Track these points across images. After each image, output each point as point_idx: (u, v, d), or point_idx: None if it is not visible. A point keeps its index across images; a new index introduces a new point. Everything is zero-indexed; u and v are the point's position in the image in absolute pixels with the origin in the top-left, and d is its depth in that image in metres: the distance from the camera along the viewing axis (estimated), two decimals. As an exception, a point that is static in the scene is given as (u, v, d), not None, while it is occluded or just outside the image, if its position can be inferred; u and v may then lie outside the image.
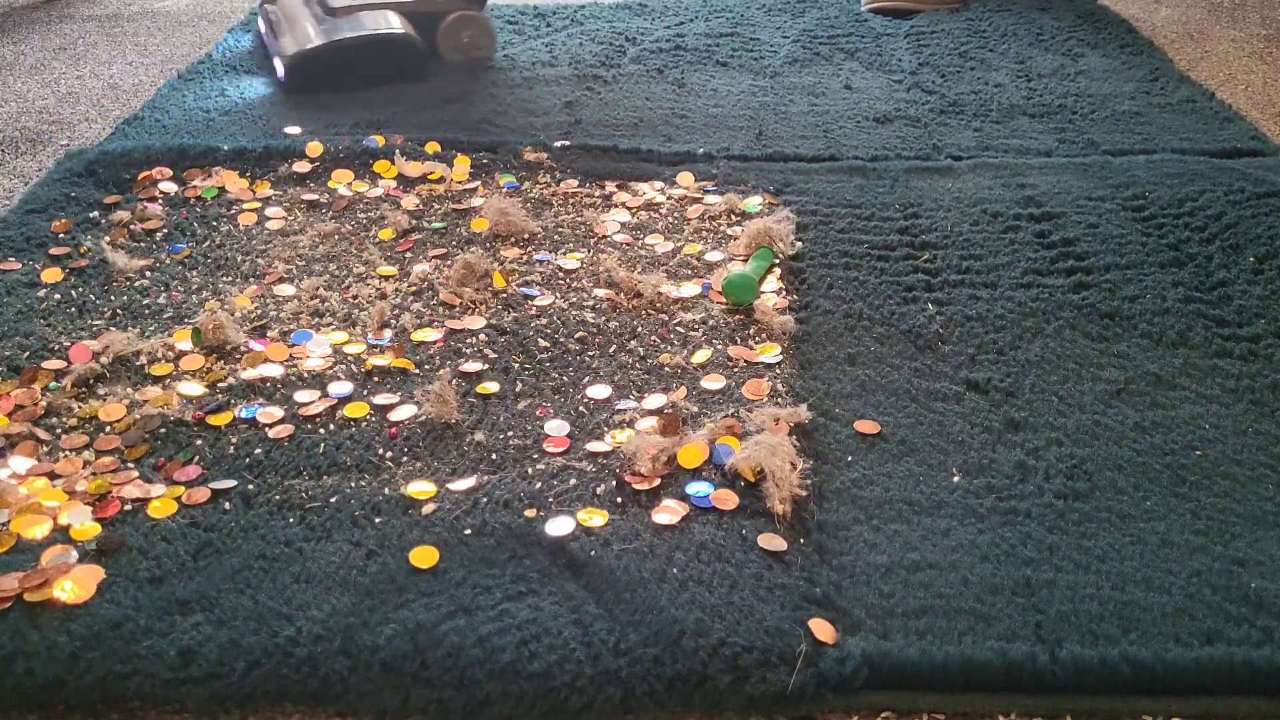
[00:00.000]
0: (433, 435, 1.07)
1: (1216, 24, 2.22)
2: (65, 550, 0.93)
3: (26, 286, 1.32)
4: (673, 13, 2.32)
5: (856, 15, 2.26)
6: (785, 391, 1.12)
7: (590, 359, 1.19)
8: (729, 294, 1.27)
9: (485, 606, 0.87)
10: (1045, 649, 0.83)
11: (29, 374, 1.15)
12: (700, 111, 1.82)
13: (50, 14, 2.41)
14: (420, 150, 1.63)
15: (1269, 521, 0.95)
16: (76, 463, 1.04)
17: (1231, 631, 0.84)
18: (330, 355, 1.20)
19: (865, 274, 1.33)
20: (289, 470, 1.03)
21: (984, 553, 0.92)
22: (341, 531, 0.95)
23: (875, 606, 0.87)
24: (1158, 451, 1.04)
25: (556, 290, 1.31)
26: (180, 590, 0.89)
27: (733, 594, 0.87)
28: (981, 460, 1.03)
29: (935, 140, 1.70)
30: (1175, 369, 1.15)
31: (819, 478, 1.01)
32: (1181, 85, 1.89)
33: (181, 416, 1.10)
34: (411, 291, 1.31)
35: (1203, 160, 1.59)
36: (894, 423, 1.08)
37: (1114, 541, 0.93)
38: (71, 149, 1.70)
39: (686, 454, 1.02)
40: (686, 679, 0.81)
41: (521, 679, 0.81)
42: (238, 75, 1.98)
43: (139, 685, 0.81)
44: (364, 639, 0.84)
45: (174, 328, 1.24)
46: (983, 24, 2.19)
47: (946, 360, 1.17)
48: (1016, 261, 1.35)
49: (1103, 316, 1.24)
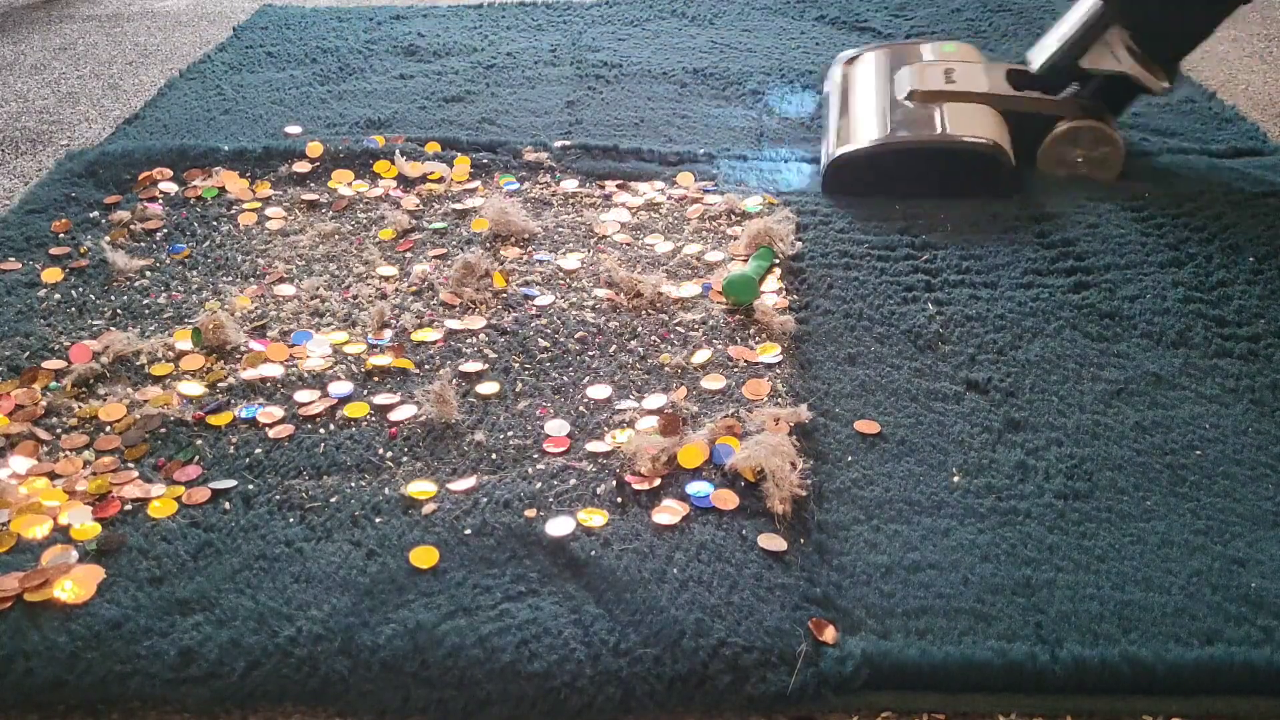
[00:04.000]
0: (433, 435, 1.07)
1: (1216, 24, 2.22)
2: (65, 550, 0.93)
3: (26, 286, 1.32)
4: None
5: (855, 15, 2.26)
6: (785, 391, 1.12)
7: (590, 359, 1.19)
8: (729, 294, 1.27)
9: (485, 606, 0.87)
10: (1045, 649, 0.83)
11: (29, 374, 1.15)
12: (701, 112, 1.82)
13: (50, 14, 2.41)
14: (420, 150, 1.63)
15: (1269, 521, 0.96)
16: (76, 463, 1.04)
17: (1231, 631, 0.84)
18: (330, 355, 1.20)
19: (865, 274, 1.33)
20: (289, 470, 1.03)
21: (984, 553, 0.92)
22: (341, 531, 0.95)
23: (875, 606, 0.87)
24: (1158, 451, 1.04)
25: (556, 290, 1.31)
26: (180, 590, 0.89)
27: (733, 594, 0.87)
28: (981, 460, 1.03)
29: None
30: (1175, 369, 1.15)
31: (819, 478, 1.01)
32: (1181, 85, 1.89)
33: (181, 416, 1.10)
34: (411, 291, 1.31)
35: (1202, 160, 1.59)
36: (894, 423, 1.08)
37: (1114, 541, 0.93)
38: (72, 149, 1.70)
39: (686, 454, 1.02)
40: (686, 679, 0.81)
41: (521, 679, 0.81)
42: (238, 74, 1.98)
43: (139, 685, 0.82)
44: (364, 639, 0.84)
45: (174, 328, 1.24)
46: (983, 24, 2.19)
47: (946, 360, 1.17)
48: (1016, 261, 1.35)
49: (1103, 316, 1.24)
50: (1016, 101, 1.55)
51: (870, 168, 1.48)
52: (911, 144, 1.48)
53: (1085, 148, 1.52)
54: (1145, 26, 1.47)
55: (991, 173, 1.47)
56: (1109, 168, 1.53)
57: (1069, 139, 1.52)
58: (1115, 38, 1.47)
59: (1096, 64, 1.49)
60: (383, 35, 2.18)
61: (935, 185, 1.48)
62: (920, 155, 1.48)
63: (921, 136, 1.48)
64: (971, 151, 1.46)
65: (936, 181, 1.48)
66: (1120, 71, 1.47)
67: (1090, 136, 1.52)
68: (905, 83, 1.57)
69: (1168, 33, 1.48)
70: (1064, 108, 1.53)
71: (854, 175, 1.49)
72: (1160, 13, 1.46)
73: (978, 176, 1.47)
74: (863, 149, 1.49)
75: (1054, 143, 1.53)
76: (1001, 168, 1.46)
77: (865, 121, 1.54)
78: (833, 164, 1.50)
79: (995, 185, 1.48)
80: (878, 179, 1.49)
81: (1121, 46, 1.46)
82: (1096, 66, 1.49)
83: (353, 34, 2.19)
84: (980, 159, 1.47)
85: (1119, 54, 1.47)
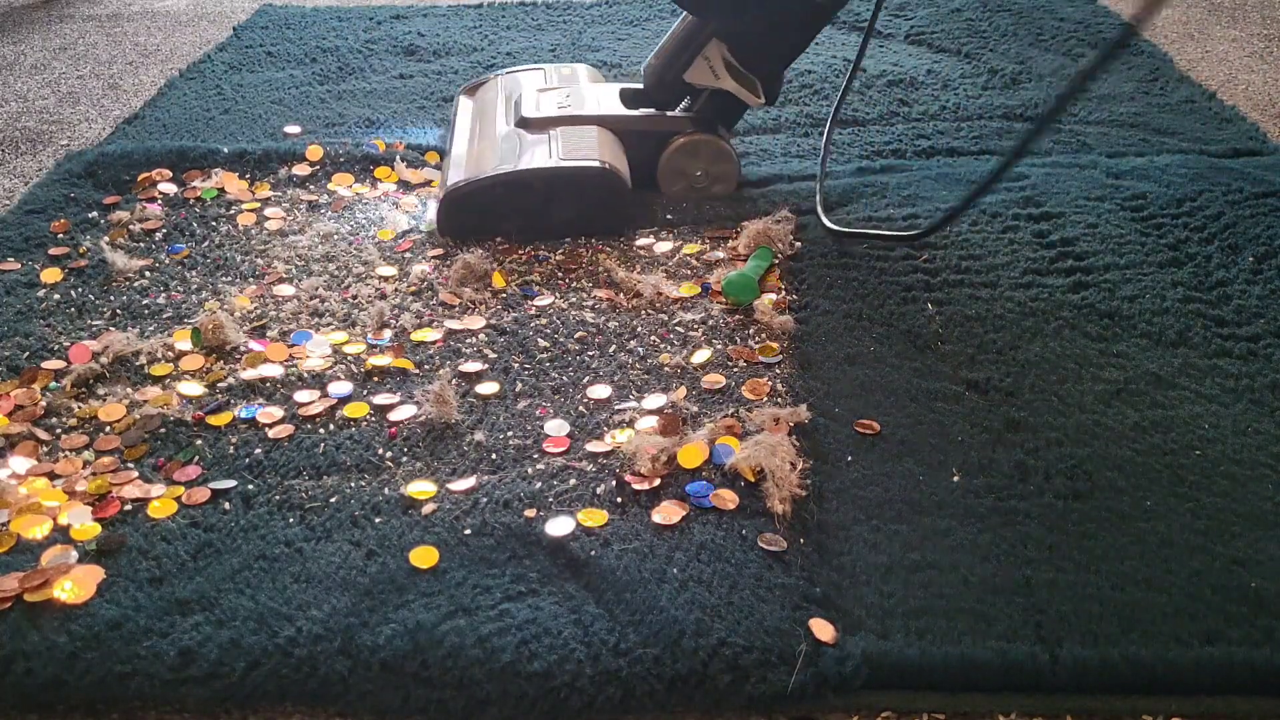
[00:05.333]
0: (433, 435, 1.07)
1: (1216, 24, 2.23)
2: (65, 550, 0.93)
3: (26, 287, 1.32)
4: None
5: (855, 15, 2.26)
6: (785, 391, 1.12)
7: (590, 359, 1.19)
8: (729, 294, 1.28)
9: (485, 606, 0.87)
10: (1045, 649, 0.83)
11: (29, 374, 1.15)
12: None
13: (50, 14, 2.41)
14: (421, 159, 1.62)
15: (1269, 521, 0.96)
16: (76, 463, 1.04)
17: (1231, 631, 0.84)
18: (330, 355, 1.20)
19: (865, 274, 1.33)
20: (289, 470, 1.03)
21: (984, 553, 0.92)
22: (341, 531, 0.95)
23: (875, 606, 0.87)
24: (1157, 451, 1.04)
25: (556, 290, 1.31)
26: (180, 590, 0.89)
27: (733, 594, 0.87)
28: (981, 460, 1.03)
29: (932, 141, 1.70)
30: (1175, 369, 1.15)
31: (819, 478, 1.01)
32: (1181, 85, 1.89)
33: (181, 416, 1.10)
34: (411, 292, 1.31)
35: (1202, 160, 1.59)
36: (894, 423, 1.08)
37: (1114, 541, 0.93)
38: (72, 149, 1.70)
39: (686, 454, 1.02)
40: (686, 679, 0.81)
41: (521, 679, 0.81)
42: (238, 74, 1.98)
43: (139, 685, 0.82)
44: (364, 639, 0.84)
45: (174, 328, 1.24)
46: (983, 24, 2.19)
47: (946, 360, 1.17)
48: (1016, 261, 1.35)
49: (1102, 316, 1.24)
50: (631, 121, 1.49)
51: (484, 201, 1.39)
52: (523, 175, 1.38)
53: (703, 162, 1.49)
54: (743, 41, 1.44)
55: (608, 196, 1.40)
56: (727, 180, 1.51)
57: (684, 153, 1.48)
58: (715, 52, 1.43)
59: (698, 78, 1.46)
60: (383, 35, 2.18)
61: (554, 214, 1.40)
62: (532, 184, 1.39)
63: (532, 166, 1.39)
64: (583, 176, 1.38)
65: (554, 210, 1.40)
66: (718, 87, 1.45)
67: (705, 150, 1.48)
68: (520, 110, 1.51)
69: (765, 47, 1.44)
70: (676, 124, 1.49)
71: (467, 210, 1.40)
72: (755, 28, 1.42)
73: (594, 201, 1.40)
74: (473, 183, 1.39)
75: (670, 159, 1.48)
76: (616, 190, 1.40)
77: (477, 154, 1.47)
78: (444, 201, 1.40)
79: (614, 208, 1.41)
80: (494, 212, 1.40)
81: (720, 61, 1.43)
82: (698, 81, 1.46)
83: (353, 34, 2.19)
84: (593, 182, 1.39)
85: (717, 68, 1.44)
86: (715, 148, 1.49)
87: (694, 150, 1.48)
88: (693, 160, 1.49)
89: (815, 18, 1.43)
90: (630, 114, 1.51)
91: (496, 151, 1.44)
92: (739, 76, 1.44)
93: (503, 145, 1.45)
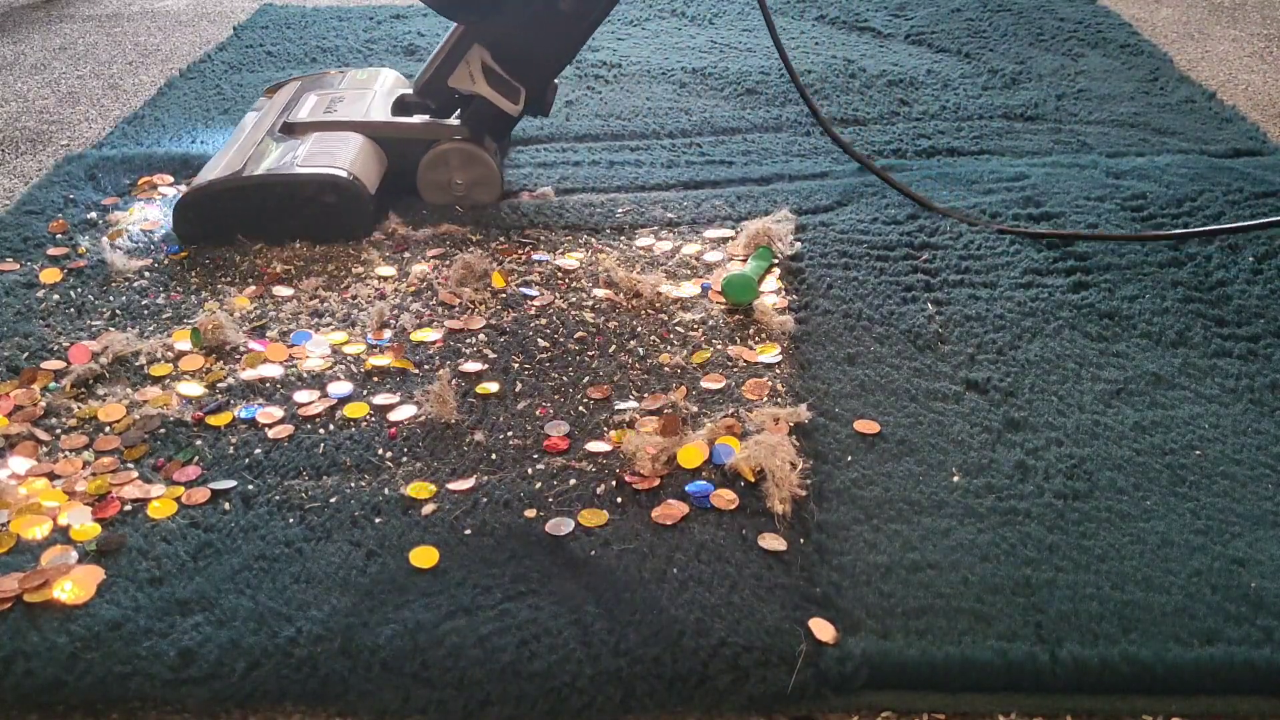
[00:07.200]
0: (432, 435, 1.07)
1: (1216, 24, 2.23)
2: (65, 550, 0.93)
3: (25, 287, 1.32)
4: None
5: (855, 15, 2.26)
6: (785, 391, 1.12)
7: (590, 359, 1.19)
8: (728, 294, 1.27)
9: (485, 606, 0.87)
10: (1045, 649, 0.83)
11: (28, 374, 1.15)
12: (699, 106, 1.82)
13: (50, 14, 2.41)
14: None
15: (1269, 521, 0.96)
16: (76, 463, 1.04)
17: (1231, 631, 0.84)
18: (330, 355, 1.20)
19: (864, 274, 1.33)
20: (289, 470, 1.03)
21: (984, 553, 0.92)
22: (341, 531, 0.95)
23: (875, 606, 0.87)
24: (1157, 451, 1.04)
25: (556, 290, 1.31)
26: (180, 590, 0.89)
27: (733, 594, 0.87)
28: (981, 460, 1.03)
29: (933, 141, 1.70)
30: (1174, 369, 1.15)
31: (819, 478, 1.01)
32: (1181, 85, 1.89)
33: (181, 417, 1.10)
34: (411, 291, 1.31)
35: (1202, 160, 1.59)
36: (894, 423, 1.08)
37: (1114, 541, 0.93)
38: (72, 149, 1.70)
39: (686, 454, 1.02)
40: (686, 679, 0.81)
41: (521, 679, 0.81)
42: (238, 74, 1.98)
43: (139, 686, 0.81)
44: (364, 639, 0.84)
45: (173, 328, 1.24)
46: (983, 24, 2.19)
47: (946, 360, 1.17)
48: (1016, 261, 1.35)
49: (1102, 316, 1.24)
50: (391, 128, 1.48)
51: (220, 206, 1.37)
52: (256, 179, 1.36)
53: (459, 170, 1.47)
54: (503, 48, 1.43)
55: (345, 202, 1.37)
56: (488, 190, 1.48)
57: (438, 162, 1.46)
58: (475, 57, 1.43)
59: (459, 83, 1.44)
60: (383, 35, 2.18)
61: (291, 221, 1.38)
62: (266, 191, 1.37)
63: (268, 170, 1.37)
64: (316, 182, 1.36)
65: (288, 216, 1.38)
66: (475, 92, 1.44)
67: (459, 158, 1.46)
68: (293, 115, 1.51)
69: (525, 54, 1.44)
70: (436, 131, 1.47)
71: (203, 215, 1.38)
72: (512, 34, 1.41)
73: (329, 207, 1.38)
74: (204, 186, 1.38)
75: (425, 168, 1.47)
76: (354, 196, 1.37)
77: (225, 158, 1.44)
78: (178, 204, 1.38)
79: (351, 215, 1.39)
80: (233, 217, 1.38)
81: (479, 66, 1.42)
82: (460, 86, 1.45)
83: (353, 34, 2.19)
84: (329, 190, 1.37)
85: (475, 73, 1.42)
86: (467, 155, 1.46)
87: (444, 159, 1.47)
88: (444, 169, 1.47)
89: (570, 27, 1.42)
90: (392, 121, 1.49)
91: (245, 155, 1.43)
92: (497, 83, 1.43)
93: (255, 150, 1.44)
